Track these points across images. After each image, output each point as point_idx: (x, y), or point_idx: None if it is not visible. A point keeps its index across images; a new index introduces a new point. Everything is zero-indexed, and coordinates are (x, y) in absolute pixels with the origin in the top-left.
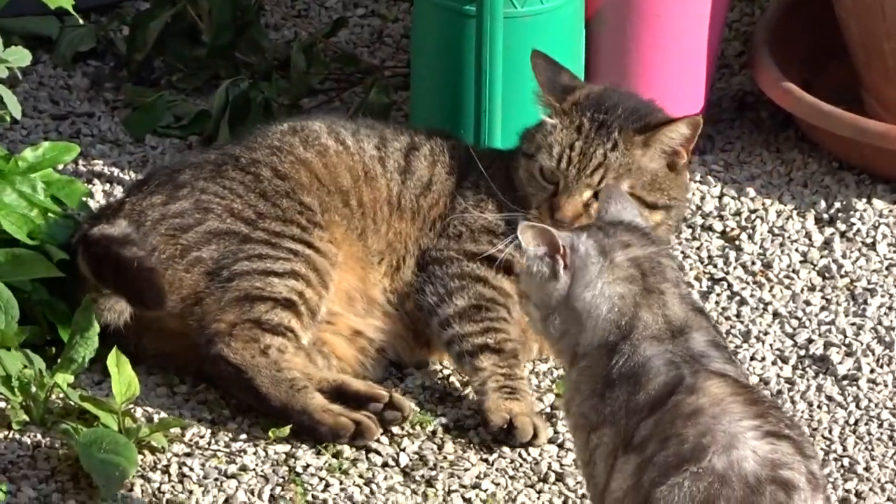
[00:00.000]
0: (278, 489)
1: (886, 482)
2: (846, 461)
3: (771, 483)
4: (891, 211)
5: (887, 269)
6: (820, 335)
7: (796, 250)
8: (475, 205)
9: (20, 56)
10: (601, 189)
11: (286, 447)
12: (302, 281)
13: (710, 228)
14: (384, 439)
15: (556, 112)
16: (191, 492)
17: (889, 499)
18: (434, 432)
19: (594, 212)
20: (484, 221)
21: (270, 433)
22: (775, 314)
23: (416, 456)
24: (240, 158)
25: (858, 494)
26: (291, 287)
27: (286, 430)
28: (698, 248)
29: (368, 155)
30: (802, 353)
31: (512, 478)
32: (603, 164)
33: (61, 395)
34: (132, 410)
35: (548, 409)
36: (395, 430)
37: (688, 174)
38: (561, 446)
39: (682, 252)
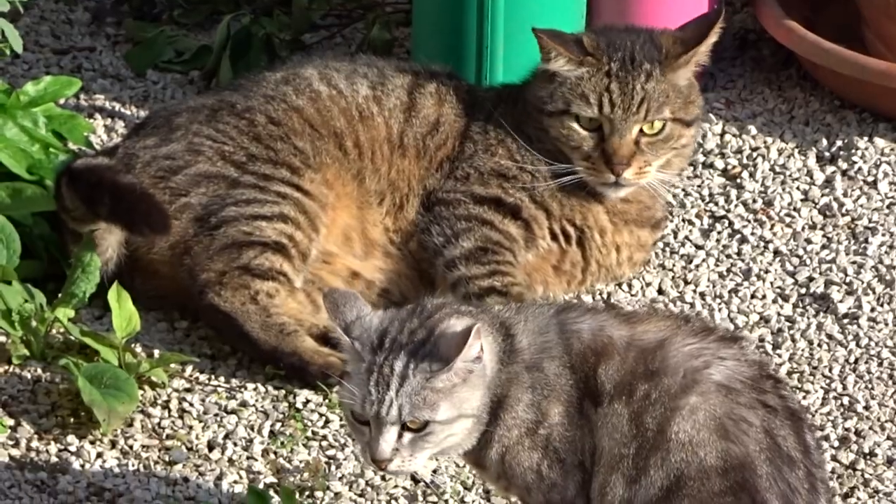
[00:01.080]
0: (278, 425)
1: (886, 421)
2: (846, 400)
3: (767, 378)
4: (892, 149)
5: (888, 207)
6: (821, 273)
7: (797, 188)
8: (485, 149)
9: None
10: (648, 120)
11: (286, 383)
12: (291, 224)
13: (711, 166)
14: None
15: (577, 64)
16: (191, 427)
17: (889, 437)
18: None
19: (645, 146)
20: (494, 165)
21: (267, 369)
22: (776, 252)
23: None
24: (236, 105)
25: (858, 433)
26: (281, 230)
27: None
28: (699, 186)
29: (362, 96)
30: (803, 291)
31: None
32: (645, 98)
33: (62, 330)
34: (132, 345)
35: None
36: None
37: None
38: None
39: (683, 189)
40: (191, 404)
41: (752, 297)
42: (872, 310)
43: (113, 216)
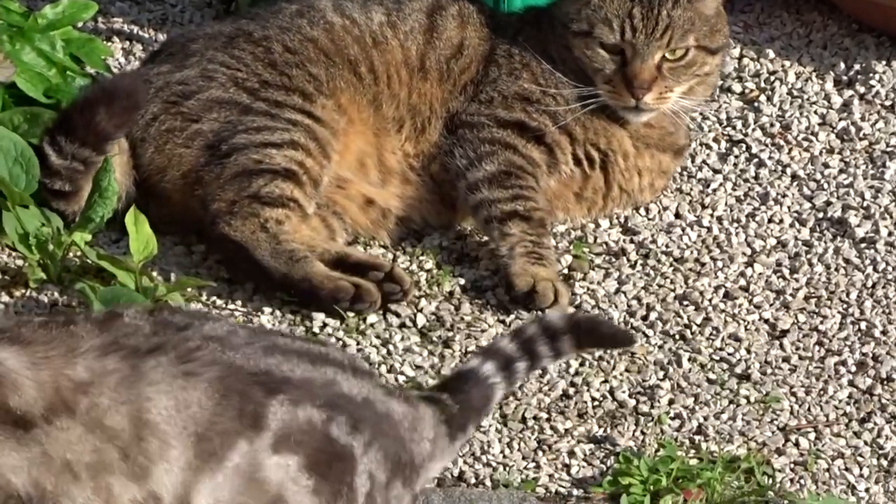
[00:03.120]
0: None
1: None
2: (863, 325)
3: None
4: None
5: None
6: (838, 198)
7: (815, 112)
8: (509, 72)
9: None
10: (671, 48)
11: (302, 307)
12: (302, 151)
13: (728, 90)
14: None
15: None
16: None
17: None
18: (451, 293)
19: (667, 72)
20: (518, 88)
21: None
22: (794, 176)
23: (433, 316)
24: (253, 33)
25: (875, 358)
26: (291, 157)
27: None
28: (717, 110)
29: (376, 22)
30: (820, 215)
31: None
32: (670, 25)
33: (78, 254)
34: (149, 269)
35: (565, 270)
36: (413, 291)
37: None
38: (577, 308)
39: (701, 114)
40: None
41: (770, 221)
42: (890, 234)
43: (111, 113)
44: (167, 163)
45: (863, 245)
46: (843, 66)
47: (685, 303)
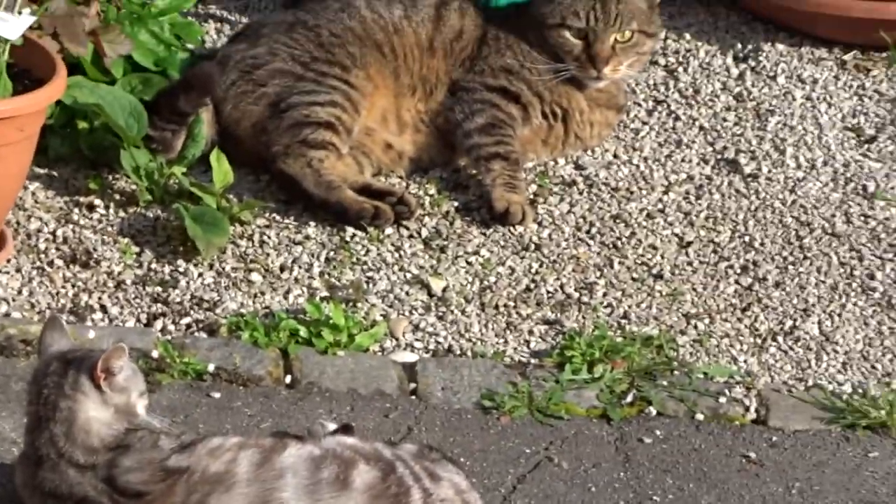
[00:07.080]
0: (332, 253)
1: (776, 254)
2: (747, 238)
3: None
4: (788, 52)
5: (784, 95)
6: (732, 144)
7: (718, 80)
8: (496, 51)
9: None
10: (622, 31)
11: (338, 223)
12: (339, 108)
13: (655, 62)
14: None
15: None
16: (268, 254)
17: (777, 266)
18: (447, 212)
19: (618, 50)
20: (503, 63)
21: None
22: (701, 128)
23: (433, 230)
24: (307, 22)
25: (755, 263)
26: (330, 113)
27: None
28: (647, 78)
29: (397, 16)
30: (719, 157)
31: (503, 247)
32: (619, 14)
33: (176, 182)
34: (227, 194)
35: (531, 196)
36: (418, 211)
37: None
38: (540, 224)
39: (635, 80)
40: (269, 237)
41: (682, 160)
42: (769, 171)
43: (188, 99)
44: (241, 116)
45: (749, 179)
46: (739, 45)
47: (618, 221)
